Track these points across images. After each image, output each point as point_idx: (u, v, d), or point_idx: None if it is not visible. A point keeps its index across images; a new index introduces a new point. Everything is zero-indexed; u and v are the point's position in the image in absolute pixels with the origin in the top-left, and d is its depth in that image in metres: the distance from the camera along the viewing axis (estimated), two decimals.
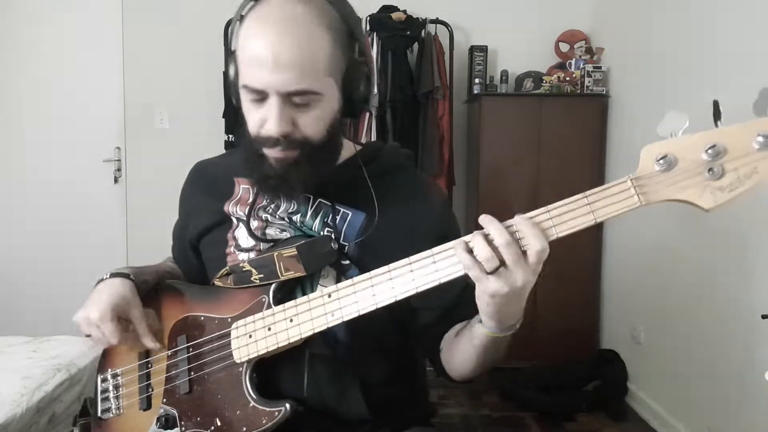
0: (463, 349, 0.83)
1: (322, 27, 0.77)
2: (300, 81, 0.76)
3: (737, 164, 0.59)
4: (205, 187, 1.00)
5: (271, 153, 0.81)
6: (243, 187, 0.95)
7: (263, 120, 0.79)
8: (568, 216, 0.65)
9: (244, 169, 0.89)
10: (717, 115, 0.60)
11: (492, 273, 0.66)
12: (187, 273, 1.07)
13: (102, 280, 0.91)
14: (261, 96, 0.78)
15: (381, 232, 0.86)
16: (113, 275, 0.91)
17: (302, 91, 0.77)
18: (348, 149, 0.93)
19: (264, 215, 0.91)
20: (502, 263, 0.66)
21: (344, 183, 0.89)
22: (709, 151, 0.59)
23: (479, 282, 0.68)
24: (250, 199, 0.92)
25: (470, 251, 0.67)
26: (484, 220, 0.68)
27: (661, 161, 0.61)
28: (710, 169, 0.59)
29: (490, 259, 0.65)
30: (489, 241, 0.66)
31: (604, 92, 2.89)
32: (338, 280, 0.84)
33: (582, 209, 0.65)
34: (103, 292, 0.88)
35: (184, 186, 1.05)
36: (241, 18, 0.79)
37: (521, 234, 0.66)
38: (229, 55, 0.83)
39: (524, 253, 0.66)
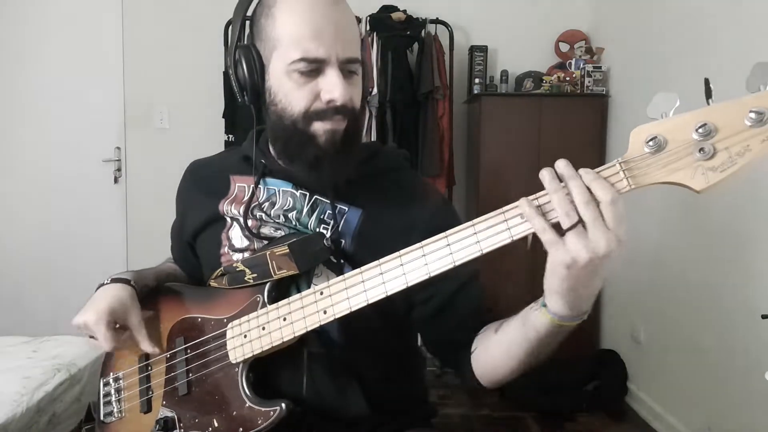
0: (510, 341, 0.74)
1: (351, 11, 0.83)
2: (356, 49, 0.80)
3: (729, 143, 0.56)
4: (200, 186, 1.00)
5: (325, 125, 0.81)
6: (239, 186, 0.95)
7: (317, 92, 0.80)
8: None
9: (290, 154, 0.85)
10: (708, 93, 0.58)
11: (569, 231, 0.58)
12: (187, 271, 1.07)
13: (103, 285, 0.91)
14: (316, 67, 0.78)
15: (378, 229, 0.86)
16: (114, 280, 0.91)
17: (357, 59, 0.80)
18: None
19: (259, 213, 0.91)
20: (580, 221, 0.58)
21: (342, 180, 0.89)
22: (700, 130, 0.57)
23: (553, 247, 0.59)
24: (246, 197, 0.92)
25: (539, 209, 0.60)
26: (561, 165, 0.60)
27: (650, 143, 0.59)
28: (701, 149, 0.57)
29: (568, 212, 0.58)
30: (564, 195, 0.59)
31: (604, 92, 2.89)
32: None
33: None
34: (101, 296, 0.88)
35: (180, 185, 1.05)
36: (269, 8, 0.81)
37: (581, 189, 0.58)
38: (246, 48, 0.82)
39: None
